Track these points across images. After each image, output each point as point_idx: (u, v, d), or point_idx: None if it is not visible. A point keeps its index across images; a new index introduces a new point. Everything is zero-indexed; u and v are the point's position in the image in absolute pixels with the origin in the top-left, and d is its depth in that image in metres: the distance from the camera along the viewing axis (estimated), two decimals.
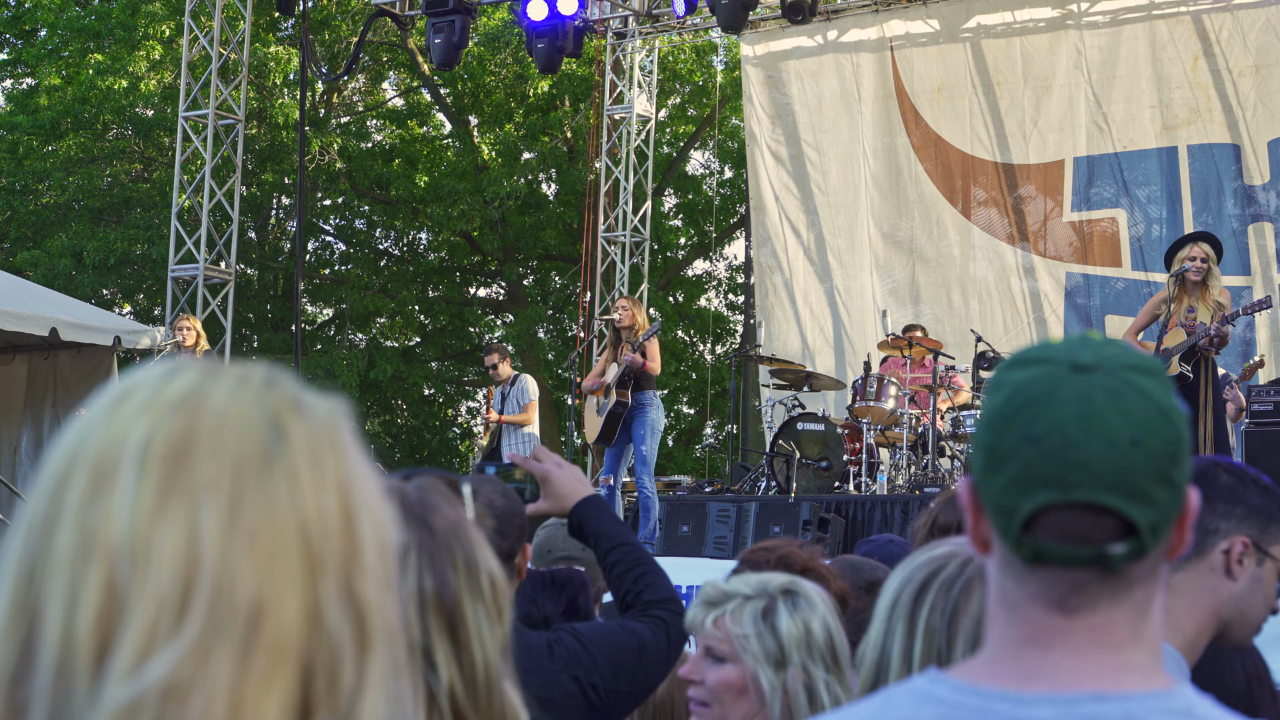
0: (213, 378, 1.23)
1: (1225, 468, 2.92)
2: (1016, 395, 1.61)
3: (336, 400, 1.28)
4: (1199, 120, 16.88)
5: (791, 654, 3.13)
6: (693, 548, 12.91)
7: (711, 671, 3.20)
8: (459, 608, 2.11)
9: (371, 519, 1.23)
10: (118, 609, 1.14)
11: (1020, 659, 1.63)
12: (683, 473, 25.84)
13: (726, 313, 31.82)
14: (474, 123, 29.99)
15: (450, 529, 2.16)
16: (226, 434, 1.18)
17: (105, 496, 1.16)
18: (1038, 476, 1.58)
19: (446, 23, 17.59)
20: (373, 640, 1.20)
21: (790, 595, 3.19)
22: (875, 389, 14.01)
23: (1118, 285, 17.23)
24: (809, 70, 19.23)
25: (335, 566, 1.19)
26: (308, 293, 30.22)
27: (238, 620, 1.14)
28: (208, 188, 18.74)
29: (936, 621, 2.47)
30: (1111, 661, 1.61)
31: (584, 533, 3.80)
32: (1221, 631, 2.89)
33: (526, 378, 15.49)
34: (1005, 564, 1.65)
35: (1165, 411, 1.60)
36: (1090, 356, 1.61)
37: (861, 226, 18.67)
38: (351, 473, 1.23)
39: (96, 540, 1.15)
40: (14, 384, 18.10)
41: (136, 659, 1.13)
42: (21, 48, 30.26)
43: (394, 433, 32.39)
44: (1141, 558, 1.61)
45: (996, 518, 1.63)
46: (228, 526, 1.15)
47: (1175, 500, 1.61)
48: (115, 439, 1.19)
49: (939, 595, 2.49)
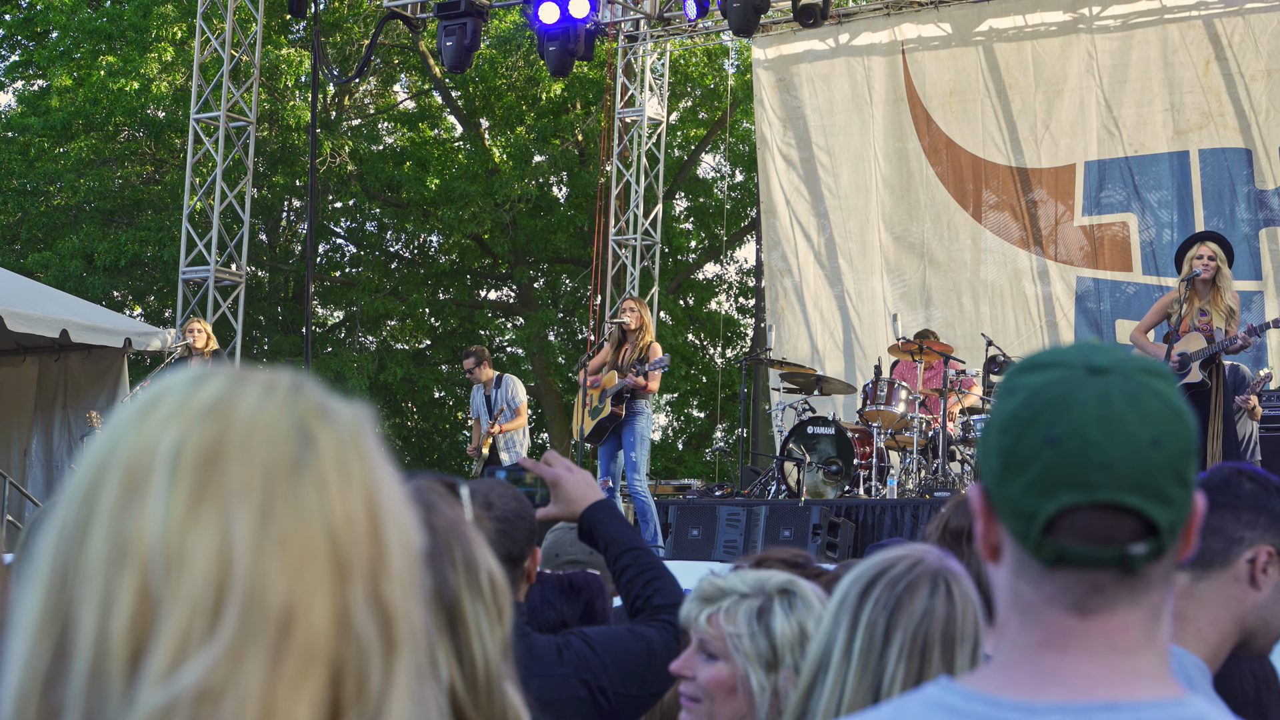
0: (240, 384, 1.24)
1: (1249, 476, 2.92)
2: (1034, 398, 1.62)
3: (361, 406, 1.29)
4: (1210, 124, 16.86)
5: (785, 656, 3.08)
6: (703, 551, 12.90)
7: (703, 668, 3.15)
8: (458, 606, 2.12)
9: (396, 524, 1.24)
10: (151, 614, 1.15)
11: (1034, 664, 1.63)
12: (693, 476, 25.83)
13: (737, 316, 31.81)
14: (485, 125, 29.99)
15: (449, 528, 2.17)
16: (256, 441, 1.20)
17: (138, 503, 1.18)
18: (1060, 478, 1.59)
19: (458, 25, 17.60)
20: (399, 643, 1.22)
21: (787, 595, 3.14)
22: (886, 393, 14.01)
23: (1128, 290, 17.21)
24: (820, 74, 19.23)
25: (362, 571, 1.20)
26: (318, 295, 30.23)
27: (269, 625, 1.16)
28: (219, 190, 18.76)
29: (878, 616, 2.51)
30: (1124, 666, 1.62)
31: (594, 537, 3.81)
32: (1244, 640, 2.89)
33: (512, 378, 15.44)
34: (1021, 568, 1.65)
35: (1179, 413, 1.62)
36: (1104, 360, 1.63)
37: (872, 230, 18.66)
38: (377, 478, 1.25)
39: (130, 546, 1.17)
40: (24, 385, 18.14)
41: (170, 664, 1.14)
42: (33, 49, 30.29)
43: (404, 435, 32.40)
44: (1159, 558, 1.62)
45: (1015, 521, 1.63)
46: (259, 532, 1.17)
47: (1189, 501, 1.63)
48: (146, 446, 1.20)
49: (883, 592, 2.53)
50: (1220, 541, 2.84)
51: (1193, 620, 2.83)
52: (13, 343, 17.19)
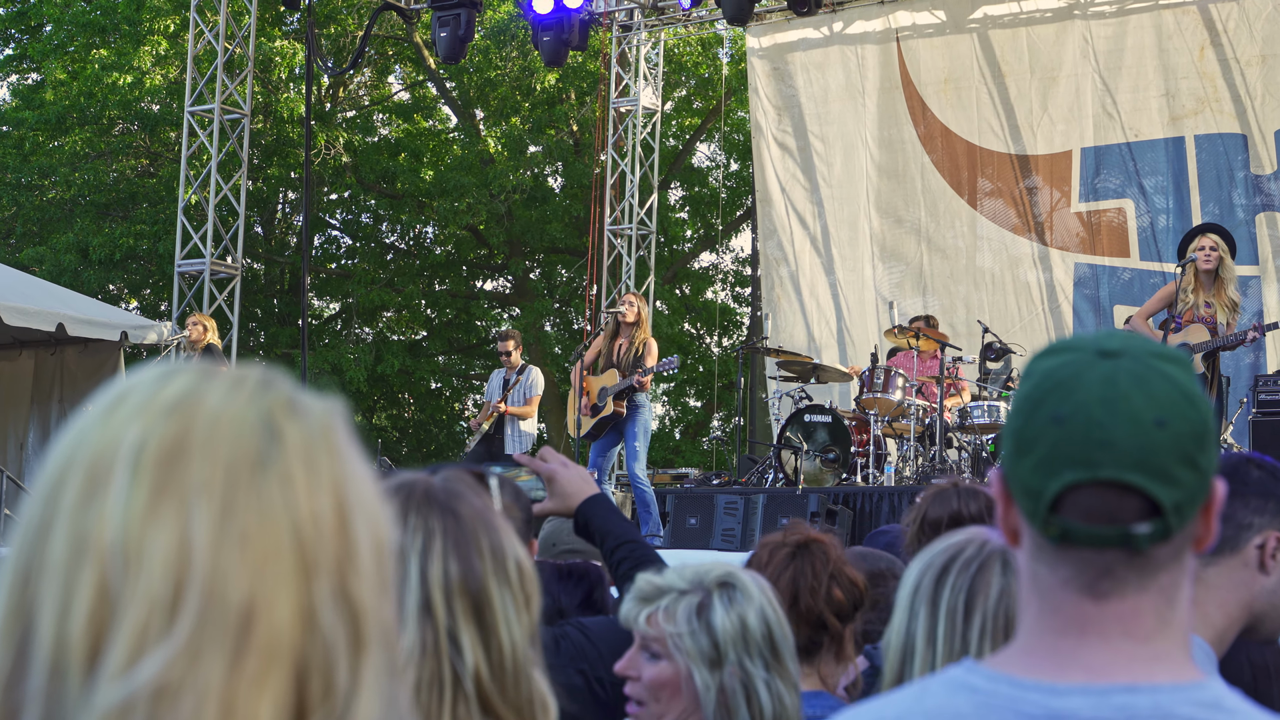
0: (208, 380, 1.23)
1: (1257, 463, 2.95)
2: (1044, 380, 1.65)
3: (333, 401, 1.28)
4: (1206, 110, 16.86)
5: (728, 651, 3.03)
6: (700, 540, 12.92)
7: (646, 668, 3.10)
8: (485, 593, 2.13)
9: (367, 520, 1.23)
10: (109, 611, 1.14)
11: (1054, 649, 1.65)
12: (690, 465, 25.81)
13: (733, 305, 31.83)
14: (480, 116, 29.98)
15: (476, 516, 2.19)
16: (220, 436, 1.19)
17: (99, 500, 1.17)
18: (1064, 456, 1.62)
19: (452, 16, 17.59)
20: (367, 641, 1.20)
21: (726, 588, 3.08)
22: (882, 381, 14.02)
23: (1124, 275, 17.22)
24: (815, 62, 19.22)
25: (329, 568, 1.19)
26: (314, 287, 30.22)
27: (229, 621, 1.15)
28: (214, 182, 18.75)
29: (956, 601, 2.51)
30: (1143, 652, 1.64)
31: (589, 531, 3.83)
32: (1251, 625, 2.92)
33: (535, 370, 15.46)
34: (1037, 550, 1.68)
35: (1190, 396, 1.64)
36: (1116, 344, 1.66)
37: (863, 218, 18.66)
38: (347, 474, 1.23)
39: (89, 543, 1.16)
40: (21, 379, 18.13)
41: (128, 660, 1.13)
42: (27, 43, 30.28)
43: (401, 427, 32.41)
44: (1166, 539, 1.63)
45: (1024, 500, 1.66)
46: (219, 528, 1.16)
47: (1201, 484, 1.64)
48: (109, 442, 1.19)
49: (958, 576, 2.53)
50: (1229, 527, 2.87)
51: (1200, 604, 2.85)
52: (9, 337, 17.19)
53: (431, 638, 2.10)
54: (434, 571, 2.11)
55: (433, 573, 2.11)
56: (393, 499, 2.11)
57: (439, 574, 2.11)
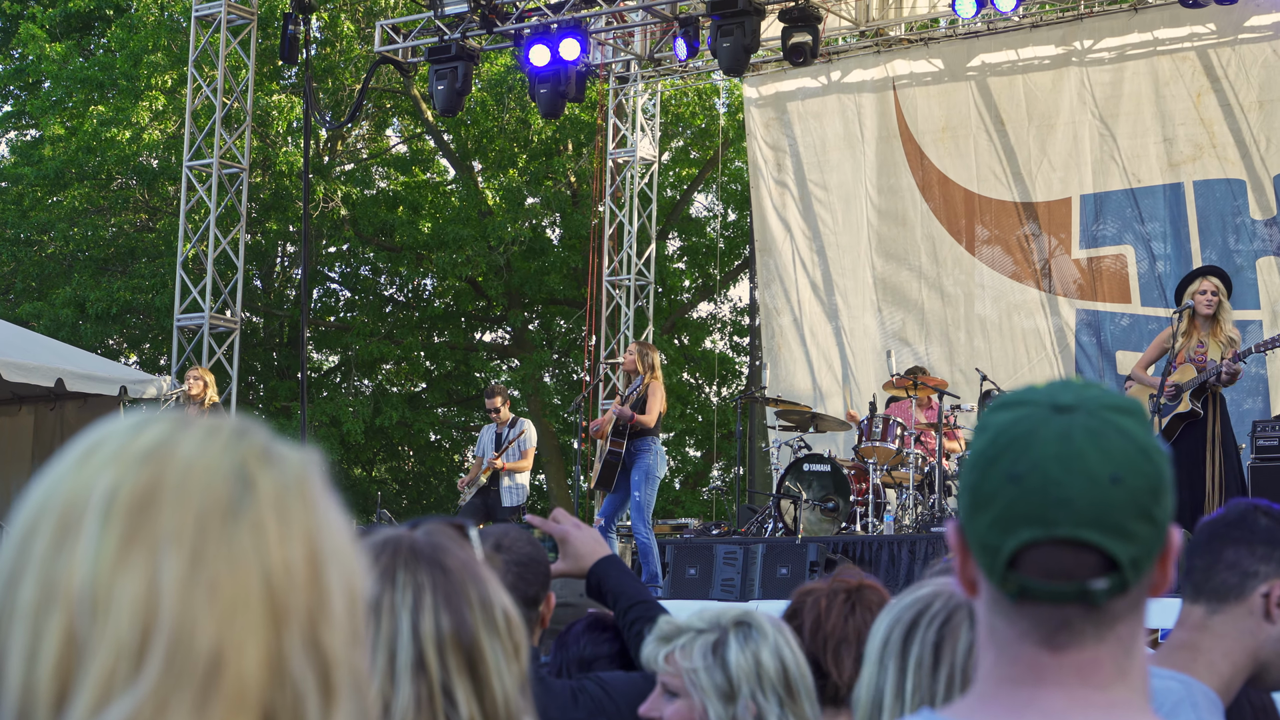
0: (183, 429, 1.23)
1: (1264, 511, 2.96)
2: (1000, 437, 1.65)
3: (309, 451, 1.28)
4: (1203, 156, 16.89)
5: (741, 686, 3.09)
6: (700, 590, 12.88)
7: (666, 708, 3.17)
8: (477, 645, 2.12)
9: (340, 570, 1.23)
10: (77, 657, 1.14)
11: (1012, 697, 1.65)
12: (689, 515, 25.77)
13: (731, 355, 31.83)
14: (478, 168, 30.06)
15: (463, 568, 2.18)
16: (192, 485, 1.19)
17: (69, 547, 1.17)
18: (1021, 514, 1.62)
19: (449, 69, 17.67)
20: (337, 691, 1.20)
21: (742, 627, 3.15)
22: (881, 429, 14.01)
23: (1123, 321, 17.23)
24: (812, 111, 19.28)
25: (300, 617, 1.19)
26: (313, 340, 30.25)
27: (196, 669, 1.14)
28: (212, 236, 18.79)
29: (924, 654, 2.52)
30: (1100, 699, 1.64)
31: (602, 591, 3.91)
32: (1257, 674, 2.92)
33: (527, 423, 15.50)
34: (994, 603, 1.68)
35: (1145, 450, 1.64)
36: (1070, 398, 1.66)
37: (864, 267, 18.68)
38: (321, 524, 1.22)
39: (58, 590, 1.16)
40: (20, 435, 18.12)
41: (94, 706, 1.13)
42: (25, 100, 30.39)
43: (400, 479, 32.37)
44: (1123, 593, 1.64)
45: (982, 556, 1.66)
46: (188, 577, 1.16)
47: (1157, 537, 1.64)
48: (81, 490, 1.19)
49: (926, 630, 2.54)
50: (1235, 575, 2.89)
51: (1206, 652, 2.87)
52: (9, 392, 17.19)
53: (426, 693, 2.09)
54: (426, 626, 2.10)
55: (425, 628, 2.10)
56: (378, 555, 2.12)
57: (431, 629, 2.11)
